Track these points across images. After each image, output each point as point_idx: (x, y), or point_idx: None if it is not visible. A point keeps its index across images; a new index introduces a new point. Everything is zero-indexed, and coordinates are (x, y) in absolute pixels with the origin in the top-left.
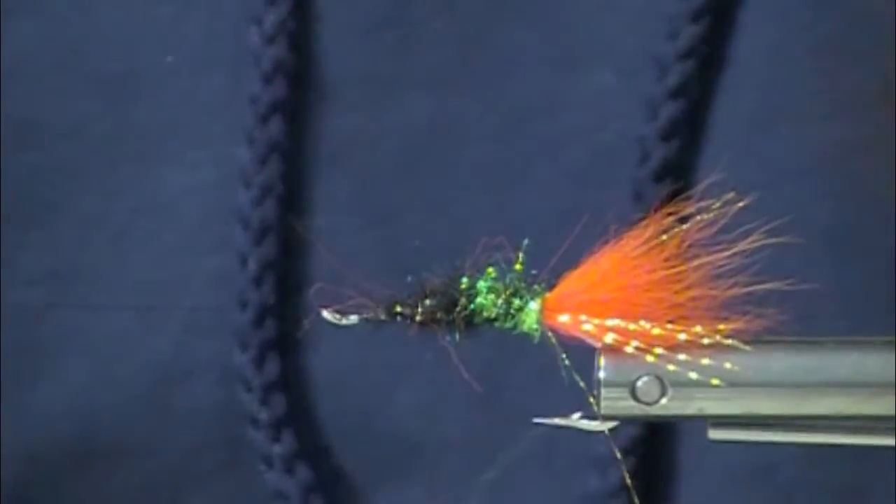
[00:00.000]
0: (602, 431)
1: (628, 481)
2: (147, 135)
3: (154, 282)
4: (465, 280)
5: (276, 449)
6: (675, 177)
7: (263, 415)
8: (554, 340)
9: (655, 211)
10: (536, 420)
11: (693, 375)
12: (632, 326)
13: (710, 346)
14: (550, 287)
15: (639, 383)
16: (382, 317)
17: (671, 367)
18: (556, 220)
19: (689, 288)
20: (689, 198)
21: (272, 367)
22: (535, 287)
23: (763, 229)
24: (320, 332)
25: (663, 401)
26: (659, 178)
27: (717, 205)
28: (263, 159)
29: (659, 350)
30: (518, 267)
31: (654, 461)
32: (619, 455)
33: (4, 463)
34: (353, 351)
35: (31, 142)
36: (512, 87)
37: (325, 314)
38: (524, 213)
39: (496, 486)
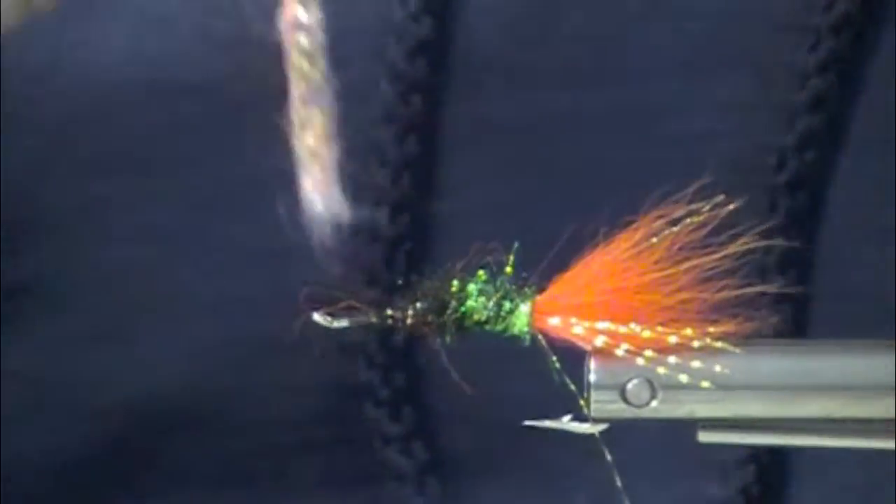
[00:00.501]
0: (592, 434)
1: (619, 484)
2: (275, 107)
3: (274, 251)
4: (455, 283)
5: (395, 428)
6: (810, 187)
7: (384, 392)
8: (544, 343)
9: (645, 214)
10: (526, 423)
11: (683, 378)
12: (622, 329)
13: (700, 348)
14: (541, 290)
15: (629, 386)
16: (373, 319)
17: (661, 370)
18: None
19: (679, 291)
20: (679, 201)
21: (395, 345)
22: (526, 290)
23: (753, 231)
24: None
25: (653, 403)
26: (793, 188)
27: (707, 208)
28: (401, 138)
29: (649, 353)
30: (508, 270)
31: (773, 470)
32: (608, 457)
33: (103, 416)
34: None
35: (161, 99)
36: (647, 87)
37: (316, 316)
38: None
39: (606, 484)
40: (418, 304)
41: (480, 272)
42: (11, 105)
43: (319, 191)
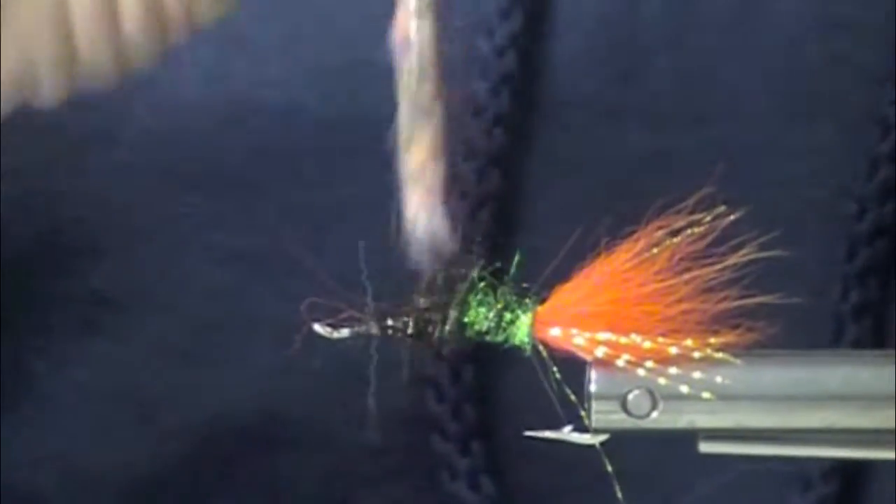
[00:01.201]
0: (593, 445)
1: (617, 490)
2: (361, 129)
3: (351, 280)
4: (456, 293)
5: (463, 462)
6: (890, 236)
7: (454, 426)
8: (545, 354)
9: (646, 224)
10: (527, 433)
11: (684, 389)
12: (623, 340)
13: (701, 359)
14: (541, 300)
15: (630, 397)
16: (373, 330)
17: (662, 381)
18: (762, 268)
19: (680, 301)
20: (680, 211)
21: (466, 379)
22: (527, 300)
23: (754, 242)
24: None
25: (654, 414)
26: (873, 236)
27: (708, 218)
28: (483, 172)
29: (650, 363)
30: (509, 281)
31: (855, 482)
32: (609, 468)
33: (172, 435)
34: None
35: (244, 121)
36: (732, 129)
37: (317, 327)
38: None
39: (680, 490)
40: (418, 315)
41: (481, 283)
42: (100, 118)
43: (423, 213)
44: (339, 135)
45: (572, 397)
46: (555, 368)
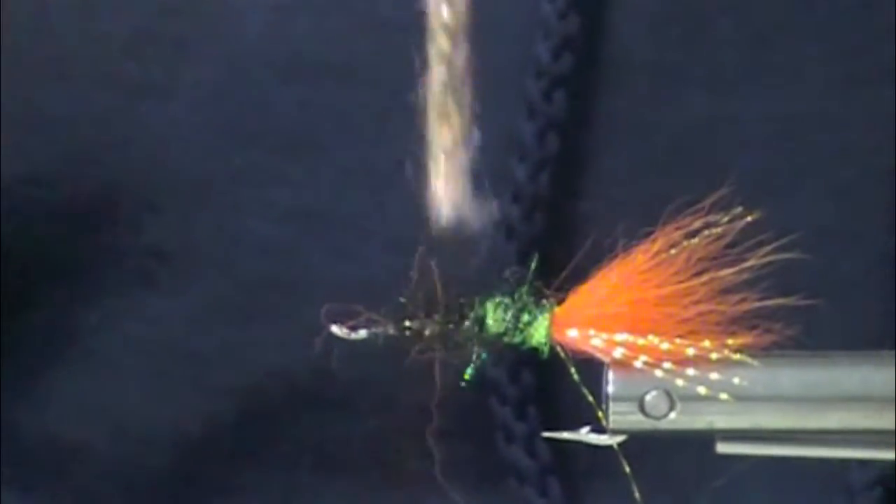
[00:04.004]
0: (611, 446)
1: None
2: (415, 90)
3: (404, 240)
4: (474, 295)
5: (520, 426)
6: None
7: (511, 390)
8: (563, 355)
9: (664, 226)
10: (545, 434)
11: (701, 390)
12: (640, 341)
13: (718, 360)
14: (559, 302)
15: (647, 398)
16: (391, 332)
17: (680, 382)
18: (815, 237)
19: (697, 303)
20: (697, 212)
21: None
22: (544, 302)
23: (772, 244)
24: None
25: (672, 415)
26: None
27: (726, 220)
28: (543, 134)
29: (667, 365)
30: (527, 282)
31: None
32: (627, 468)
33: (225, 393)
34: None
35: (303, 77)
36: (793, 96)
37: (335, 329)
38: (783, 226)
39: (724, 495)
40: (436, 317)
41: (499, 285)
42: (157, 70)
43: (449, 190)
44: (399, 93)
45: (590, 398)
46: (573, 369)
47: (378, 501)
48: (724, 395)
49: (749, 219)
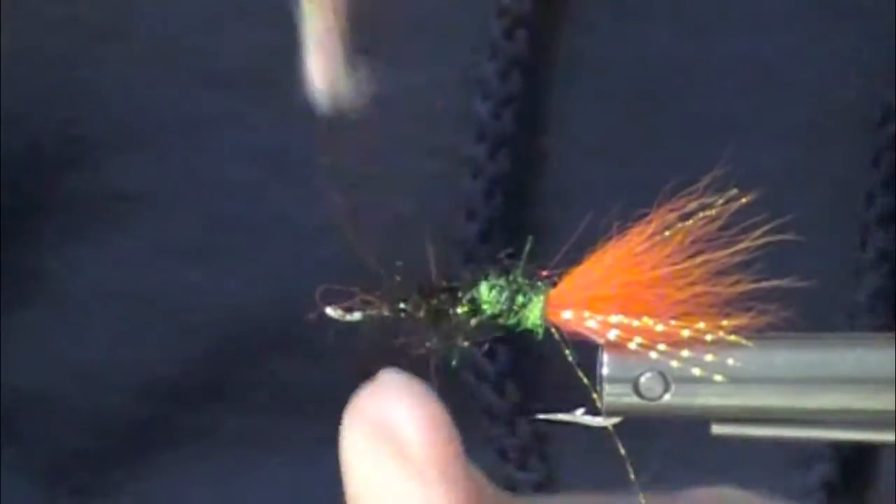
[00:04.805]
0: (605, 427)
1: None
2: (391, 32)
3: (372, 182)
4: (468, 277)
5: (490, 366)
6: None
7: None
8: (557, 337)
9: (658, 207)
10: (539, 416)
11: (696, 371)
12: (635, 323)
13: (713, 342)
14: (553, 284)
15: (642, 379)
16: (385, 313)
17: (674, 364)
18: (780, 176)
19: (692, 284)
20: (692, 194)
21: None
22: (539, 283)
23: (767, 226)
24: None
25: (666, 397)
26: None
27: (721, 201)
28: (505, 73)
29: (662, 346)
30: (522, 264)
31: (857, 464)
32: (622, 450)
33: (194, 332)
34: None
35: (261, 16)
36: (757, 37)
37: (329, 311)
38: (743, 166)
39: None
40: (431, 298)
41: (493, 268)
42: (115, 9)
43: (325, 80)
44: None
45: (585, 380)
46: (567, 351)
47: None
48: (718, 377)
49: (744, 201)
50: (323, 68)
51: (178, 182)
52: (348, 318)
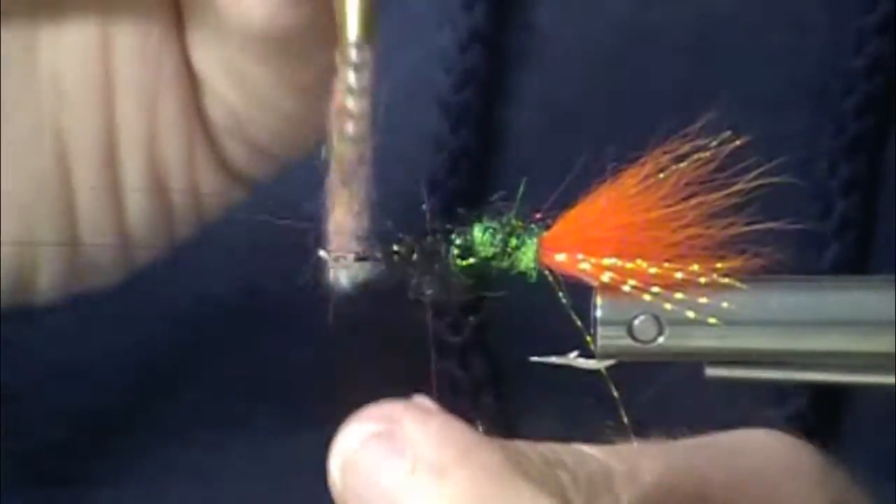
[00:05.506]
0: (599, 370)
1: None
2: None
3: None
4: (461, 220)
5: (454, 340)
6: (877, 113)
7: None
8: (551, 279)
9: (652, 149)
10: (533, 359)
11: (690, 314)
12: (629, 265)
13: (706, 284)
14: (547, 226)
15: (636, 322)
16: (378, 256)
17: (668, 306)
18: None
19: (686, 227)
20: (686, 136)
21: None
22: (532, 226)
23: (760, 168)
24: None
25: (660, 339)
26: (860, 112)
27: (714, 143)
28: (465, 46)
29: (656, 289)
30: (515, 206)
31: (830, 396)
32: (615, 392)
33: (161, 321)
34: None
35: None
36: (716, 4)
37: (322, 254)
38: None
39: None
40: (424, 241)
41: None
42: None
43: (341, 260)
44: None
45: (578, 323)
46: (560, 294)
47: (313, 431)
48: (712, 320)
49: (738, 143)
50: (339, 250)
51: None
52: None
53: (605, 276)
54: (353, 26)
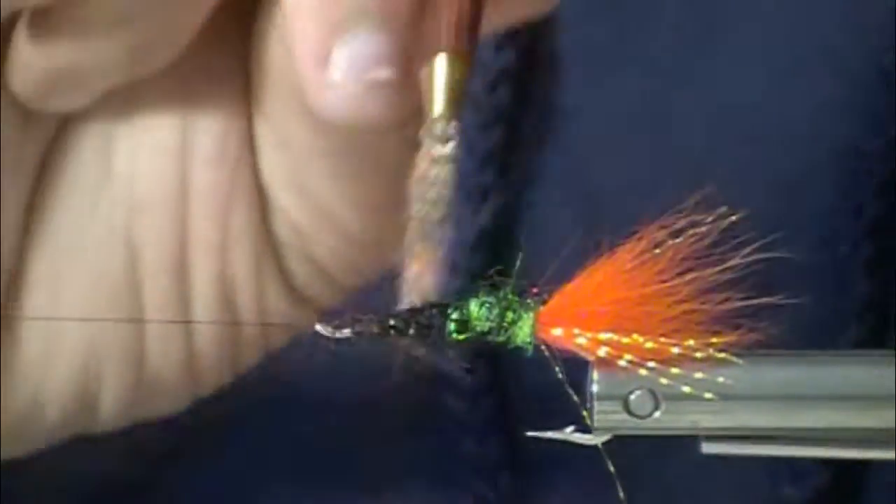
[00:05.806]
0: (595, 445)
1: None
2: None
3: None
4: (458, 295)
5: (474, 418)
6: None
7: (466, 383)
8: (547, 354)
9: (648, 225)
10: (530, 433)
11: (686, 389)
12: (625, 340)
13: (702, 359)
14: (543, 301)
15: (632, 397)
16: (375, 330)
17: (664, 381)
18: (759, 227)
19: (681, 302)
20: (681, 211)
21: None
22: (529, 301)
23: (756, 244)
24: None
25: (656, 414)
26: (881, 193)
27: (710, 219)
28: (488, 126)
29: (652, 364)
30: (511, 281)
31: (849, 474)
32: (612, 469)
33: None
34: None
35: None
36: (732, 83)
37: (319, 328)
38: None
39: (677, 480)
40: (421, 315)
41: (483, 286)
42: None
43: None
44: None
45: (575, 398)
46: (557, 368)
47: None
48: (708, 395)
49: (733, 218)
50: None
51: None
52: (338, 335)
53: (602, 351)
54: (439, 100)
